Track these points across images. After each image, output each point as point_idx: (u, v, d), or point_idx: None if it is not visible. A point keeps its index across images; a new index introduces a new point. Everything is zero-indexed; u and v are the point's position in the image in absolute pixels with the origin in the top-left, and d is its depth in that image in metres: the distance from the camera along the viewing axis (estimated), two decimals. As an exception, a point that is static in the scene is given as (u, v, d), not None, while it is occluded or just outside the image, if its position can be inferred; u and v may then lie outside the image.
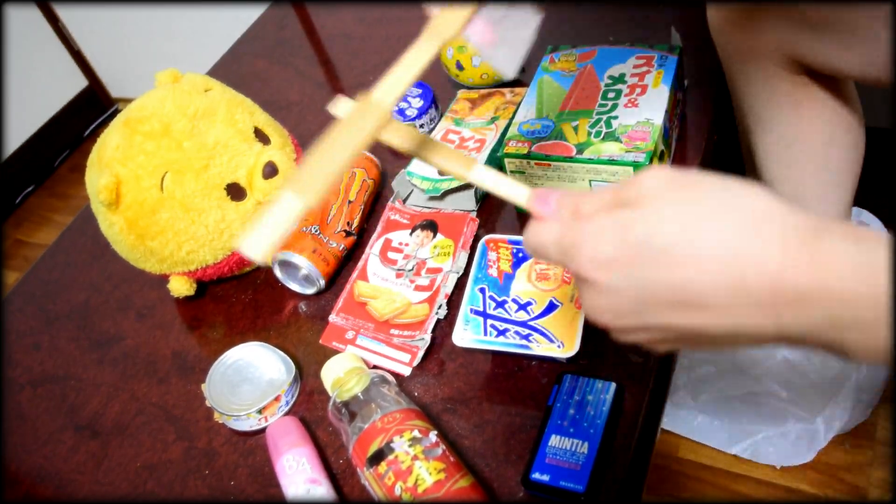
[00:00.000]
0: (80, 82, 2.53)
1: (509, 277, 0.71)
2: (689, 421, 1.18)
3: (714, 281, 0.34)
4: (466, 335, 0.68)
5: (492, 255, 0.73)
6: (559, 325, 0.66)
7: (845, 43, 0.70)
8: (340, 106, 0.44)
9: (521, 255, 0.73)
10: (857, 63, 0.70)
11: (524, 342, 0.66)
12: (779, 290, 0.32)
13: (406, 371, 0.72)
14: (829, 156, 0.86)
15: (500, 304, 0.69)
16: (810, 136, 0.84)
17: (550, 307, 0.68)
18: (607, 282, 0.37)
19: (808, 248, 0.32)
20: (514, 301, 0.69)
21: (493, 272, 0.72)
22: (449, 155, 0.46)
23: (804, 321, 0.32)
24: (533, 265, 0.71)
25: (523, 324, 0.67)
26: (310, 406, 0.73)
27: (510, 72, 0.48)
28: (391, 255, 0.81)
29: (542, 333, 0.66)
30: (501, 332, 0.67)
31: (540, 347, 0.65)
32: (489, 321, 0.69)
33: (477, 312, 0.70)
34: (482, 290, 0.71)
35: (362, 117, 0.41)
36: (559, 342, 0.65)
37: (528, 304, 0.69)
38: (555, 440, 0.61)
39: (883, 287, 0.30)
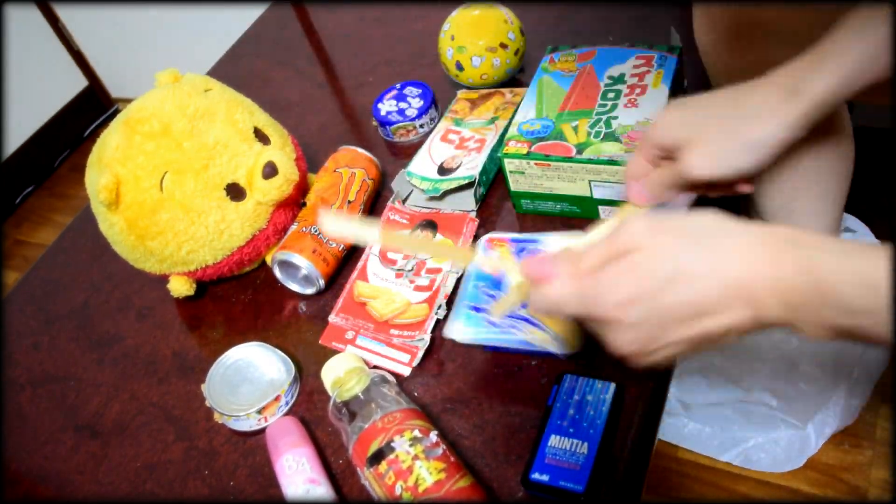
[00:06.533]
0: (80, 82, 2.53)
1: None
2: (679, 429, 1.18)
3: (713, 292, 0.42)
4: (459, 328, 0.68)
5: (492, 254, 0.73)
6: (557, 321, 0.66)
7: None
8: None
9: (522, 253, 0.72)
10: None
11: (519, 333, 0.66)
12: (753, 286, 0.41)
13: (406, 371, 0.72)
14: (818, 169, 0.86)
15: (494, 298, 0.69)
16: (799, 151, 0.84)
17: None
18: (630, 318, 0.44)
19: (765, 253, 0.42)
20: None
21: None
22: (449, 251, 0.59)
23: (770, 305, 0.41)
24: None
25: (518, 317, 0.67)
26: (310, 406, 0.73)
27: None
28: (391, 255, 0.81)
29: (537, 326, 0.66)
30: (495, 325, 0.67)
31: (536, 339, 0.65)
32: (482, 314, 0.68)
33: (474, 308, 0.69)
34: (477, 287, 0.71)
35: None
36: (554, 334, 0.65)
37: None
38: (554, 440, 0.61)
39: (815, 280, 0.40)
